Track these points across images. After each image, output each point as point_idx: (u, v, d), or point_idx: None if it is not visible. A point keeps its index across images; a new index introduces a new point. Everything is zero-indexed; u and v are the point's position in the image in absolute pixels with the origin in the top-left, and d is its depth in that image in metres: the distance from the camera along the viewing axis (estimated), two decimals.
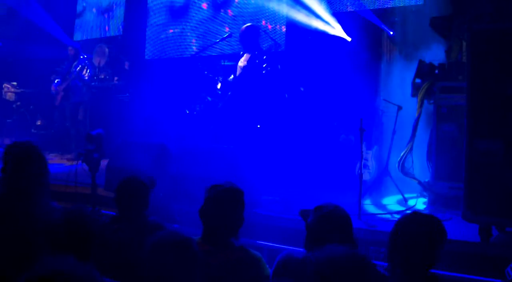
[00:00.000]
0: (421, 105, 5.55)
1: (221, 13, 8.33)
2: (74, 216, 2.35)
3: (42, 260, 1.73)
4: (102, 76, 9.33)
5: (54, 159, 8.19)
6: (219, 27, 8.32)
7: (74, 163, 7.82)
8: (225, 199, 2.61)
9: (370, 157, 6.10)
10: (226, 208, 2.59)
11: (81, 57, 8.33)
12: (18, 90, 9.88)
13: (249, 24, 6.36)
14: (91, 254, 2.32)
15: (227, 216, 2.59)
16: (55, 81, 8.43)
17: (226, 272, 2.50)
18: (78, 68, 8.17)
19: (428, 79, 5.52)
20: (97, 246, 2.75)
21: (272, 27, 7.63)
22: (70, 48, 8.44)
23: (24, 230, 2.62)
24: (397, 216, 4.91)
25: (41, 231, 2.28)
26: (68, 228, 2.29)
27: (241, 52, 6.36)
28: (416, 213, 2.35)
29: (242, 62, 6.13)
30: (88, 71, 8.24)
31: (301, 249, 2.61)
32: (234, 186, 2.69)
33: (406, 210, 5.13)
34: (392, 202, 5.53)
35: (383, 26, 6.64)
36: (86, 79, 8.23)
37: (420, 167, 5.75)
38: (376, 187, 5.90)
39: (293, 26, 7.43)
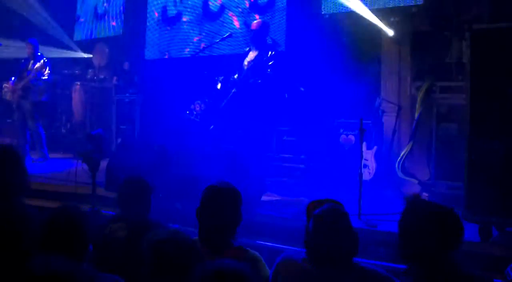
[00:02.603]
0: (421, 105, 5.56)
1: (223, 14, 8.34)
2: (63, 214, 2.33)
3: (34, 260, 1.72)
4: (102, 77, 9.34)
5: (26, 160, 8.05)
6: (219, 27, 8.32)
7: (41, 162, 7.84)
8: (221, 199, 2.59)
9: (370, 157, 6.10)
10: (222, 208, 2.57)
11: (39, 54, 7.92)
12: None
13: (259, 20, 6.28)
14: (85, 252, 2.30)
15: (223, 216, 2.57)
16: (12, 79, 8.02)
17: None
18: (36, 66, 7.76)
19: (428, 79, 5.52)
20: (95, 244, 2.73)
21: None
22: (27, 45, 7.95)
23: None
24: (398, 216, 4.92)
25: (16, 231, 2.24)
26: (58, 226, 2.26)
27: (247, 49, 6.22)
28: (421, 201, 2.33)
29: (248, 61, 6.01)
30: (48, 69, 7.84)
31: (301, 249, 2.60)
32: (230, 185, 2.67)
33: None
34: (392, 202, 5.53)
35: (383, 26, 6.63)
36: (46, 79, 7.83)
37: (420, 167, 5.75)
38: (377, 187, 5.91)
39: (293, 26, 7.42)
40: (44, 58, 7.89)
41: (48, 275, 1.63)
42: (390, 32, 6.62)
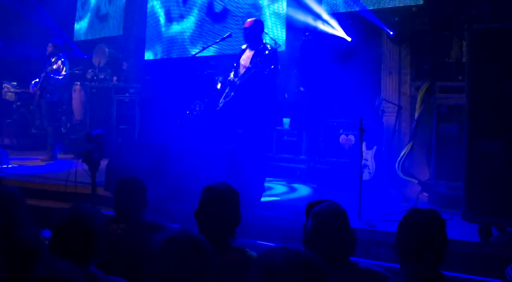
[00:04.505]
0: (421, 105, 5.55)
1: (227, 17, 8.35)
2: (80, 215, 2.32)
3: (40, 265, 1.71)
4: (102, 76, 9.34)
5: (26, 160, 8.17)
6: (219, 27, 8.33)
7: (49, 162, 7.92)
8: (220, 200, 2.59)
9: (370, 157, 6.10)
10: (221, 209, 2.56)
11: (60, 54, 8.07)
12: (18, 90, 9.88)
13: (253, 18, 6.19)
14: (94, 255, 2.30)
15: (222, 217, 2.56)
16: (33, 82, 8.23)
17: (223, 273, 2.48)
18: (54, 67, 7.93)
19: (428, 79, 5.52)
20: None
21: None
22: (49, 44, 8.12)
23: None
24: (398, 216, 4.92)
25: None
26: (74, 227, 2.25)
27: (243, 47, 6.09)
28: (416, 210, 2.36)
29: (244, 60, 5.94)
30: (64, 69, 7.96)
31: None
32: (228, 186, 2.66)
33: (406, 210, 5.13)
34: (392, 202, 5.53)
35: (383, 26, 6.63)
36: (58, 78, 7.94)
37: (420, 167, 5.75)
38: (377, 187, 5.91)
39: (293, 26, 7.43)
40: (62, 59, 8.03)
41: (54, 280, 1.62)
42: (390, 32, 6.63)
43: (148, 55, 9.31)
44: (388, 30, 6.63)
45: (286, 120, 7.19)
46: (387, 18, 6.66)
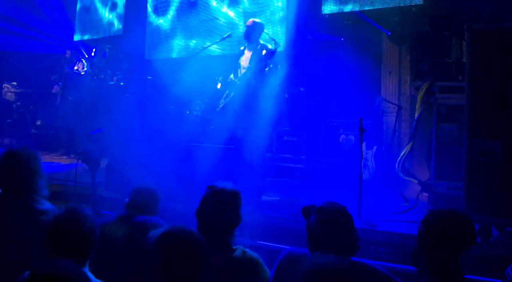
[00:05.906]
0: (421, 105, 5.55)
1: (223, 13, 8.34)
2: (74, 216, 2.32)
3: (38, 262, 1.72)
4: (102, 76, 9.33)
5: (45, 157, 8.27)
6: (219, 27, 8.32)
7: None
8: (221, 199, 2.59)
9: (370, 157, 6.10)
10: (222, 209, 2.57)
11: (79, 56, 8.59)
12: (18, 90, 9.88)
13: (256, 19, 6.22)
14: (89, 255, 2.29)
15: (223, 217, 2.57)
16: (59, 83, 8.73)
17: (222, 273, 2.48)
18: (75, 68, 8.45)
19: (428, 79, 5.52)
20: (99, 245, 2.73)
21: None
22: (68, 51, 8.66)
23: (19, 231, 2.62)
24: (398, 216, 4.92)
25: (35, 231, 2.22)
26: (68, 227, 2.24)
27: (242, 48, 6.16)
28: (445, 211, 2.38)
29: (244, 61, 5.97)
30: (82, 66, 8.44)
31: (301, 249, 2.60)
32: (231, 186, 2.67)
33: (406, 210, 5.14)
34: (392, 202, 5.53)
35: (382, 26, 6.63)
36: (79, 73, 8.41)
37: (420, 167, 5.75)
38: (377, 187, 5.91)
39: (293, 26, 7.42)
40: (83, 60, 8.60)
41: (51, 278, 1.63)
42: (389, 33, 6.62)
43: (148, 55, 9.31)
44: (387, 30, 6.63)
45: (286, 121, 7.18)
46: (387, 18, 6.65)
